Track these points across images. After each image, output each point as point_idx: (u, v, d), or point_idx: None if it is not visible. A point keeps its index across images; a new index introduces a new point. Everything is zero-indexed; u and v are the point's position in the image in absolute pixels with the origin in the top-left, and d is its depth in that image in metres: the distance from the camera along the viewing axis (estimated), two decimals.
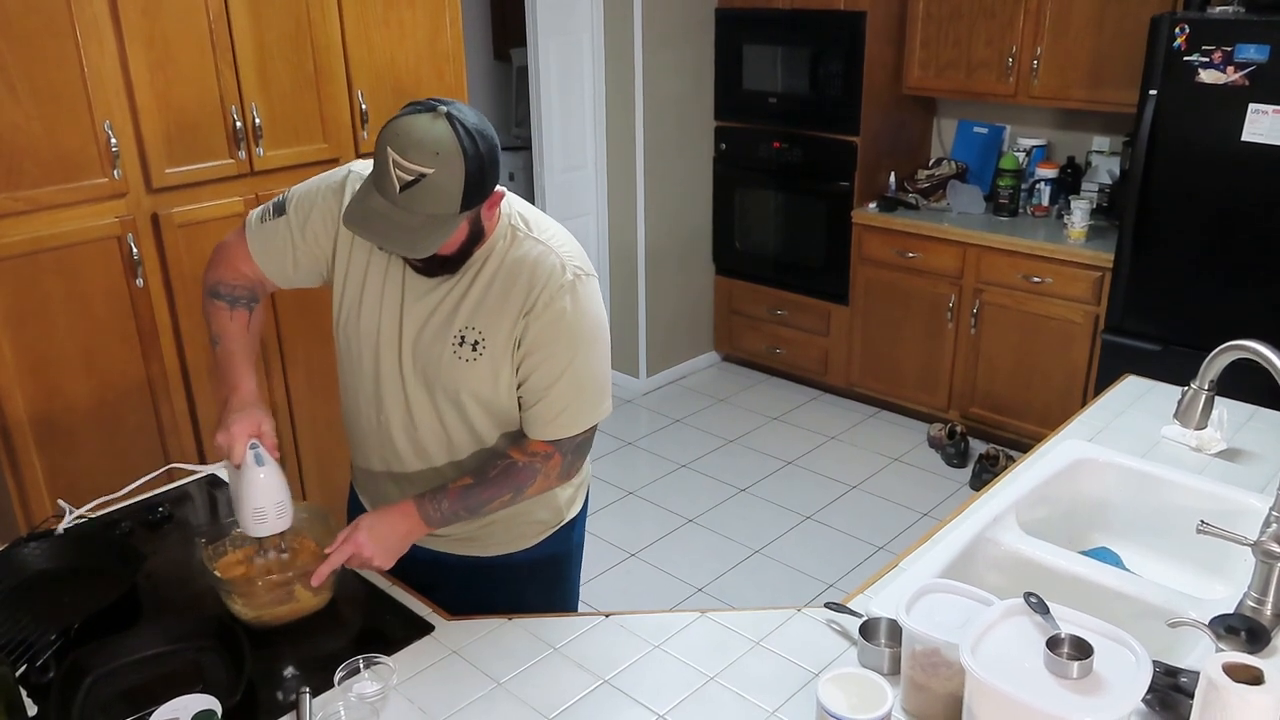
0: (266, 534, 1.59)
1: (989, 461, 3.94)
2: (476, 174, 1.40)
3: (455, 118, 1.39)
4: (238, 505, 1.59)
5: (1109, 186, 4.03)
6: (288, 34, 2.55)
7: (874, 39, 4.13)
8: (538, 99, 4.40)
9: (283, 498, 1.59)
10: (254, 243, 1.68)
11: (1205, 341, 1.75)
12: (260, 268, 1.69)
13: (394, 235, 1.41)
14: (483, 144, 1.41)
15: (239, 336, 1.69)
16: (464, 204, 1.41)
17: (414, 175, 1.37)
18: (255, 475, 1.56)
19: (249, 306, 1.72)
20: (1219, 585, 1.82)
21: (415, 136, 1.37)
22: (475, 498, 1.60)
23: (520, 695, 1.44)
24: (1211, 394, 1.65)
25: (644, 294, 4.71)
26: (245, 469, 1.56)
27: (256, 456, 1.57)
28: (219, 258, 1.72)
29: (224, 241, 1.73)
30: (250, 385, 1.65)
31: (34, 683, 1.43)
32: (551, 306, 1.53)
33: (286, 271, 1.68)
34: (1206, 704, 1.15)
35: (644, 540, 3.61)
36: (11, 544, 1.75)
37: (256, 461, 1.56)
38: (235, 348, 1.68)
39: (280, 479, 1.59)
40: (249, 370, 1.67)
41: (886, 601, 1.57)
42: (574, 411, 1.59)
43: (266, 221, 1.67)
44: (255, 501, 1.57)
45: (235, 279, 1.71)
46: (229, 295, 1.70)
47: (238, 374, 1.65)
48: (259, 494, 1.57)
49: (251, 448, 1.57)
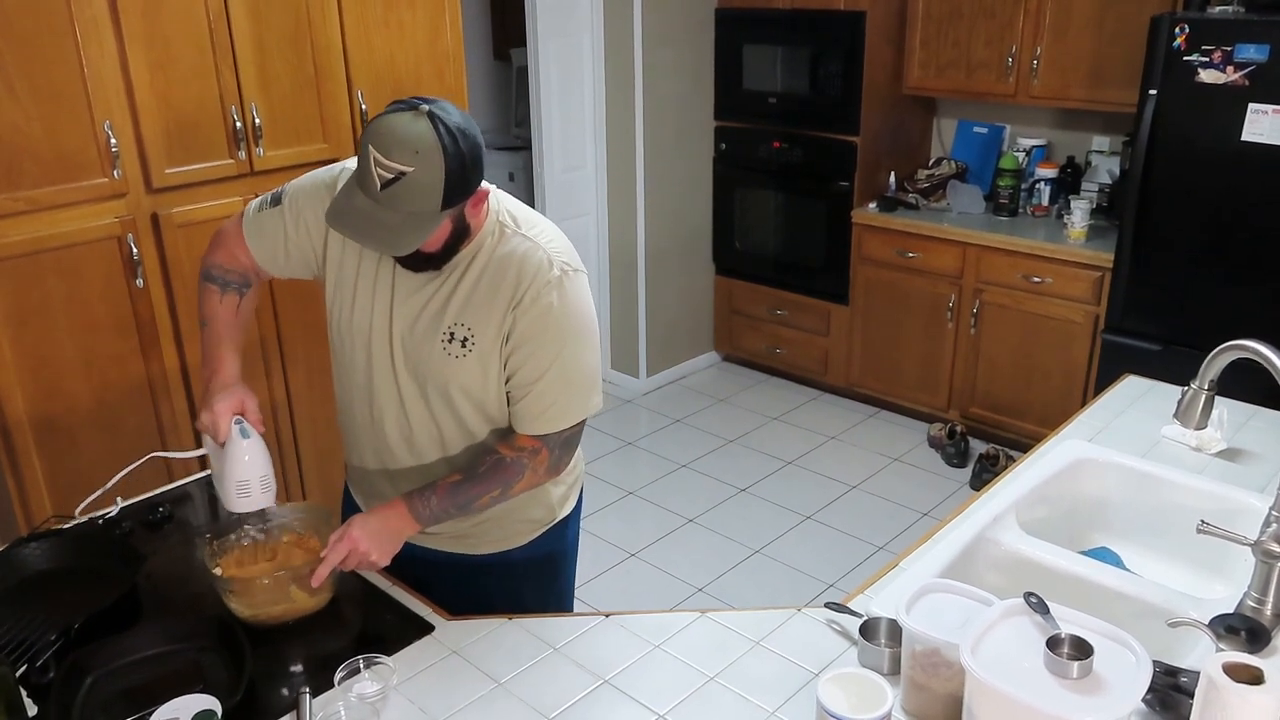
0: (250, 509, 1.58)
1: (989, 461, 3.94)
2: (458, 172, 1.40)
3: (437, 116, 1.39)
4: (221, 482, 1.58)
5: (1109, 186, 4.03)
6: (288, 34, 2.56)
7: (874, 39, 4.13)
8: (538, 99, 4.40)
9: (267, 472, 1.58)
10: (249, 230, 1.70)
11: (1205, 341, 1.75)
12: (253, 255, 1.71)
13: (375, 233, 1.42)
14: (464, 142, 1.41)
15: (227, 320, 1.71)
16: (445, 202, 1.41)
17: (394, 173, 1.37)
18: (240, 448, 1.55)
19: (240, 291, 1.74)
20: (1219, 585, 1.82)
21: (396, 135, 1.37)
22: (464, 494, 1.60)
23: (520, 695, 1.44)
24: (1211, 394, 1.65)
25: (644, 294, 4.71)
26: (230, 442, 1.55)
27: (242, 430, 1.56)
28: (216, 243, 1.75)
29: (222, 228, 1.76)
30: (233, 367, 1.66)
31: (34, 683, 1.43)
32: (539, 302, 1.54)
33: (278, 260, 1.70)
34: (1206, 704, 1.15)
35: (644, 540, 3.61)
36: (11, 544, 1.75)
37: (242, 434, 1.55)
38: (222, 331, 1.70)
39: (265, 453, 1.58)
40: (233, 353, 1.69)
41: (886, 601, 1.57)
42: (561, 406, 1.59)
43: (264, 210, 1.69)
44: (240, 475, 1.55)
45: (229, 263, 1.73)
46: (221, 279, 1.73)
47: (221, 356, 1.67)
48: (244, 467, 1.55)
49: (236, 422, 1.56)
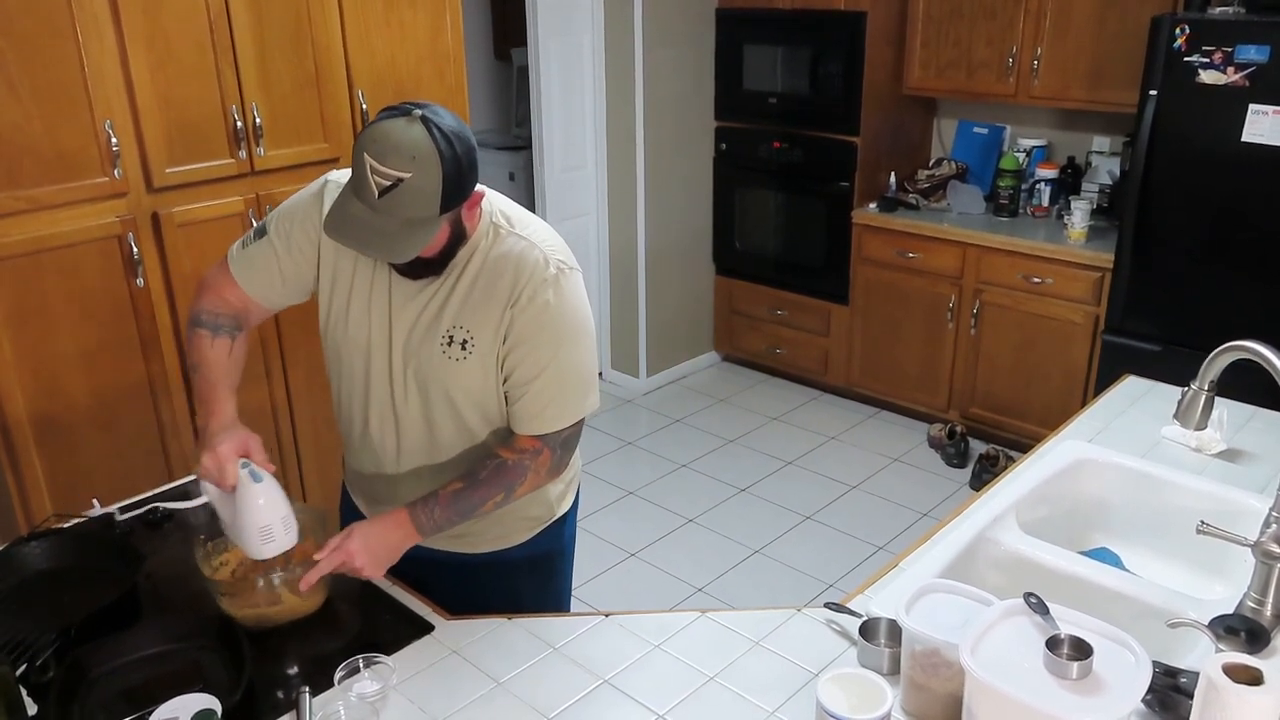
0: (277, 553, 1.51)
1: (989, 461, 3.94)
2: (454, 176, 1.40)
3: (431, 121, 1.38)
4: (238, 530, 1.50)
5: (1109, 187, 4.03)
6: (288, 34, 2.56)
7: (874, 39, 4.13)
8: (538, 99, 4.40)
9: (286, 512, 1.51)
10: (237, 267, 1.67)
11: (1205, 341, 1.75)
12: (245, 291, 1.67)
13: (374, 241, 1.41)
14: (459, 146, 1.40)
15: (219, 364, 1.66)
16: (443, 207, 1.41)
17: (391, 180, 1.36)
18: (253, 493, 1.48)
19: (231, 335, 1.69)
20: (1219, 585, 1.82)
21: (391, 141, 1.36)
22: (467, 501, 1.59)
23: (520, 695, 1.44)
24: (1211, 394, 1.65)
25: (644, 294, 4.71)
26: (242, 488, 1.47)
27: (252, 473, 1.48)
28: (203, 287, 1.71)
29: (207, 274, 1.71)
30: (229, 410, 1.60)
31: (34, 683, 1.43)
32: (535, 300, 1.53)
33: (275, 289, 1.67)
34: (1206, 704, 1.15)
35: (644, 540, 3.61)
36: (11, 544, 1.75)
37: (253, 478, 1.48)
38: (216, 375, 1.64)
39: (280, 493, 1.51)
40: (229, 396, 1.63)
41: (886, 601, 1.57)
42: (560, 405, 1.59)
43: (249, 246, 1.67)
44: (260, 521, 1.48)
45: (219, 306, 1.69)
46: (211, 323, 1.68)
47: (218, 398, 1.61)
48: (262, 513, 1.48)
49: (243, 466, 1.49)
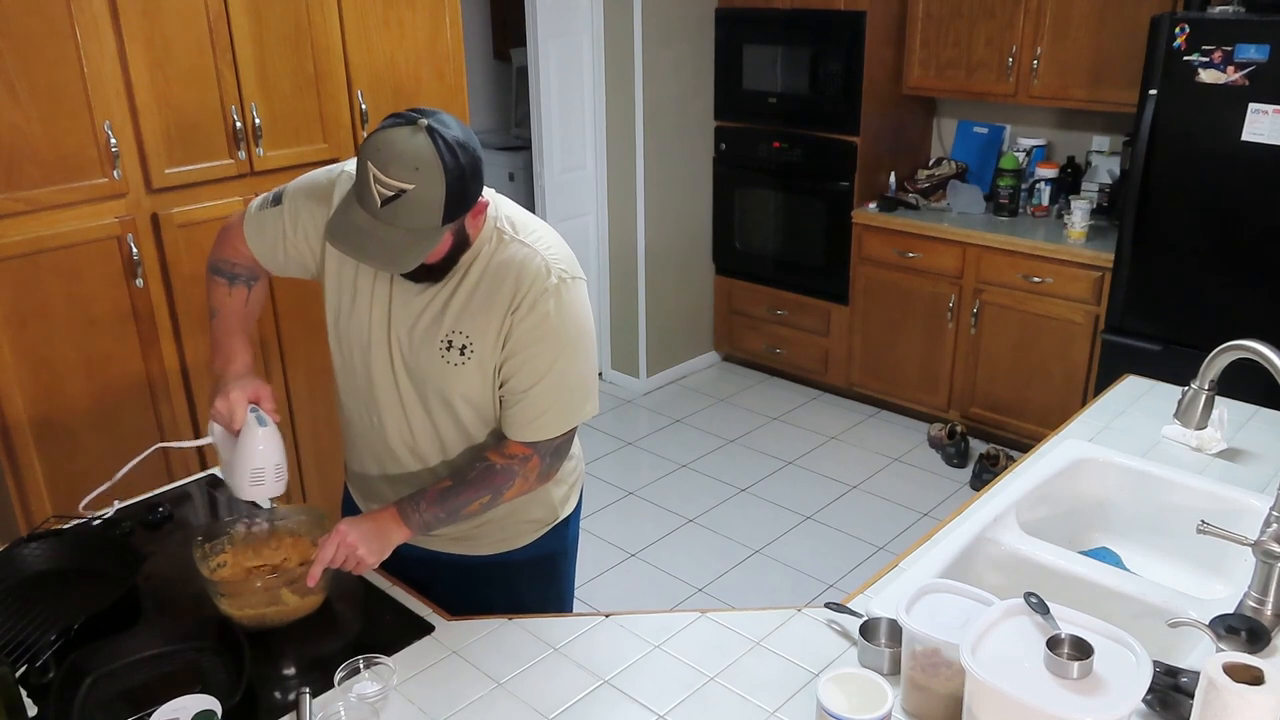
0: (263, 497, 1.58)
1: (989, 461, 3.94)
2: (458, 187, 1.39)
3: (436, 130, 1.38)
4: (233, 470, 1.57)
5: (1109, 186, 4.03)
6: (288, 34, 2.56)
7: (874, 39, 4.13)
8: (538, 99, 4.40)
9: (281, 461, 1.58)
10: (249, 227, 1.70)
11: (1205, 341, 1.75)
12: (253, 251, 1.71)
13: (376, 250, 1.41)
14: (464, 156, 1.40)
15: (236, 311, 1.73)
16: (446, 217, 1.40)
17: (394, 190, 1.36)
18: (256, 435, 1.55)
19: (248, 284, 1.75)
20: (1219, 585, 1.82)
21: (395, 151, 1.36)
22: (453, 500, 1.59)
23: (520, 695, 1.44)
24: (1212, 394, 1.65)
25: (644, 294, 4.71)
26: (246, 430, 1.55)
27: (258, 418, 1.56)
28: (221, 238, 1.76)
29: (228, 223, 1.77)
30: (246, 359, 1.68)
31: (34, 683, 1.43)
32: (535, 309, 1.53)
33: (277, 259, 1.71)
34: (1206, 704, 1.15)
35: (644, 540, 3.61)
36: (11, 544, 1.75)
37: (259, 422, 1.56)
38: (232, 322, 1.72)
39: (280, 443, 1.58)
40: (245, 344, 1.70)
41: (886, 601, 1.57)
42: (554, 414, 1.58)
43: (265, 209, 1.69)
44: (255, 462, 1.55)
45: (235, 257, 1.74)
46: (229, 272, 1.74)
47: (233, 347, 1.68)
48: (259, 455, 1.55)
49: (252, 410, 1.57)
